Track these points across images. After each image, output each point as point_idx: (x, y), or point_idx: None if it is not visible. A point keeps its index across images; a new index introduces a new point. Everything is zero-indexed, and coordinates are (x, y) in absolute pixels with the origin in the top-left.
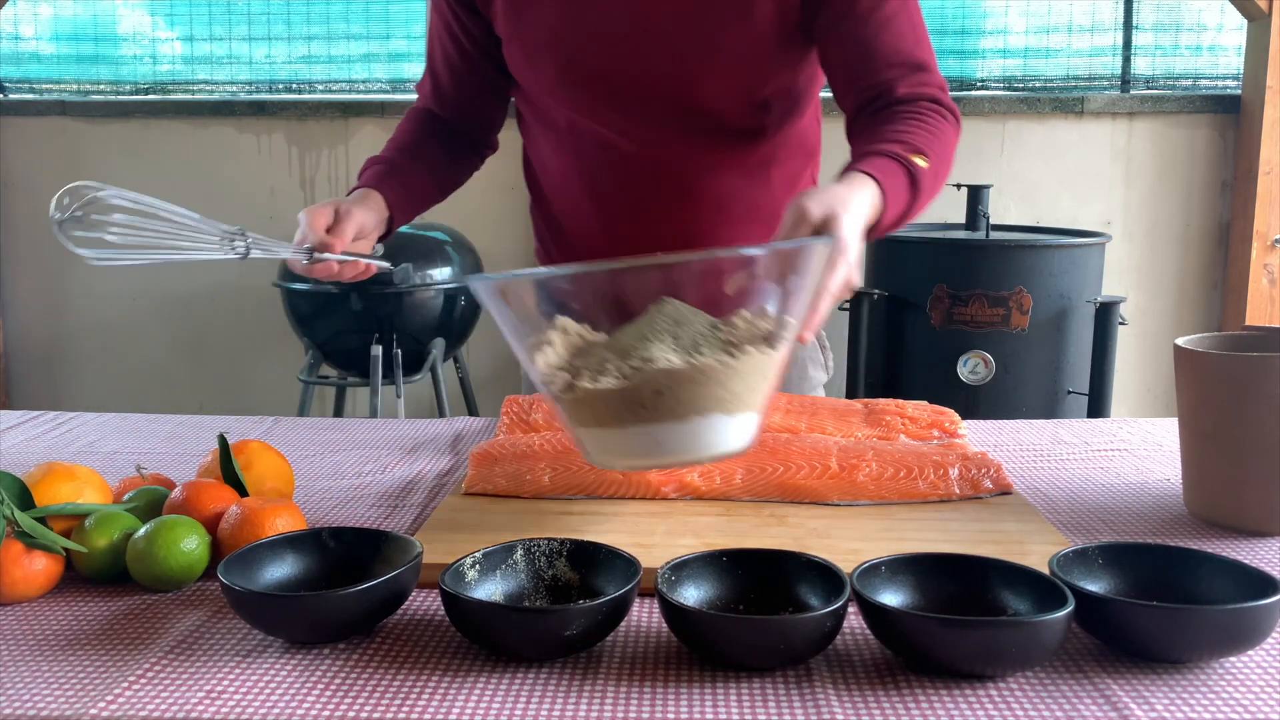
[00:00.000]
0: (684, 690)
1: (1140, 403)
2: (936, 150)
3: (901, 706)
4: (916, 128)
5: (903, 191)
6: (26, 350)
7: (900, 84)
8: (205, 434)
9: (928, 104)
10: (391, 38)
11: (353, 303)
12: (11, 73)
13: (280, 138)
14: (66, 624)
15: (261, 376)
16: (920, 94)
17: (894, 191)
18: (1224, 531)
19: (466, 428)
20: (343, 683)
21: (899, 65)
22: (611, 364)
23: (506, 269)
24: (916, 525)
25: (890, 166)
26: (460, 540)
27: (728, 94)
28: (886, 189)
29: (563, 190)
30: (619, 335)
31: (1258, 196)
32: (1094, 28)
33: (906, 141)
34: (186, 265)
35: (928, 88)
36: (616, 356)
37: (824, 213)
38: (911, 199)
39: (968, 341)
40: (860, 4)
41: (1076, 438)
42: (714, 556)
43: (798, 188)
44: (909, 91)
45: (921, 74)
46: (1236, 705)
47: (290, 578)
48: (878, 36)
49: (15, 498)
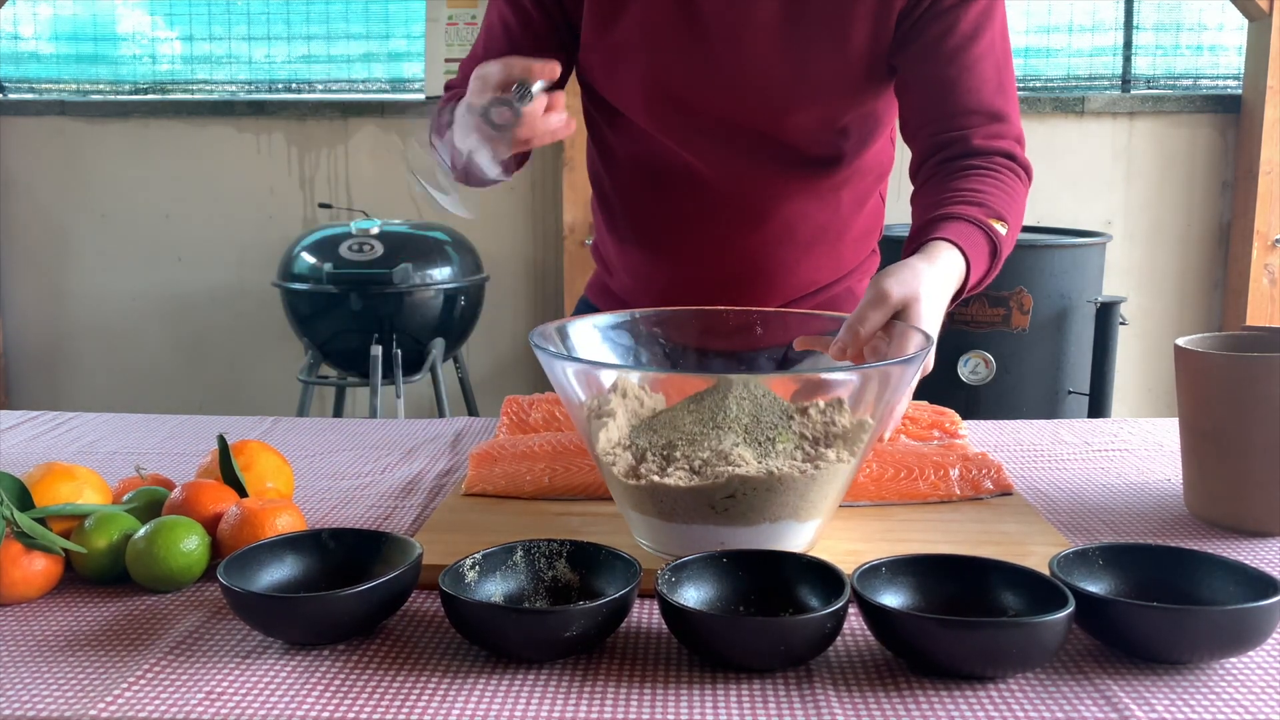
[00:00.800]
0: (684, 691)
1: (1140, 403)
2: (1013, 214)
3: (902, 707)
4: (994, 188)
5: (984, 260)
6: (26, 350)
7: (976, 135)
8: (205, 434)
9: (1003, 160)
10: (391, 37)
11: (352, 303)
12: (11, 72)
13: (280, 137)
14: (66, 625)
15: (261, 376)
16: (996, 148)
17: (977, 261)
18: (1224, 532)
19: (466, 428)
20: (342, 684)
21: (978, 113)
22: (680, 452)
23: (506, 269)
24: (917, 526)
25: (973, 234)
26: (460, 541)
27: (810, 123)
28: (970, 258)
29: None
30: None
31: (1258, 196)
32: (1095, 27)
33: (986, 205)
34: (186, 265)
35: (1004, 140)
36: (686, 443)
37: (904, 296)
38: (989, 267)
39: (968, 341)
40: (950, 41)
41: (1077, 438)
42: (714, 558)
43: (866, 208)
44: (985, 144)
45: (999, 124)
46: (1237, 706)
47: (290, 579)
48: (960, 78)
49: (15, 498)
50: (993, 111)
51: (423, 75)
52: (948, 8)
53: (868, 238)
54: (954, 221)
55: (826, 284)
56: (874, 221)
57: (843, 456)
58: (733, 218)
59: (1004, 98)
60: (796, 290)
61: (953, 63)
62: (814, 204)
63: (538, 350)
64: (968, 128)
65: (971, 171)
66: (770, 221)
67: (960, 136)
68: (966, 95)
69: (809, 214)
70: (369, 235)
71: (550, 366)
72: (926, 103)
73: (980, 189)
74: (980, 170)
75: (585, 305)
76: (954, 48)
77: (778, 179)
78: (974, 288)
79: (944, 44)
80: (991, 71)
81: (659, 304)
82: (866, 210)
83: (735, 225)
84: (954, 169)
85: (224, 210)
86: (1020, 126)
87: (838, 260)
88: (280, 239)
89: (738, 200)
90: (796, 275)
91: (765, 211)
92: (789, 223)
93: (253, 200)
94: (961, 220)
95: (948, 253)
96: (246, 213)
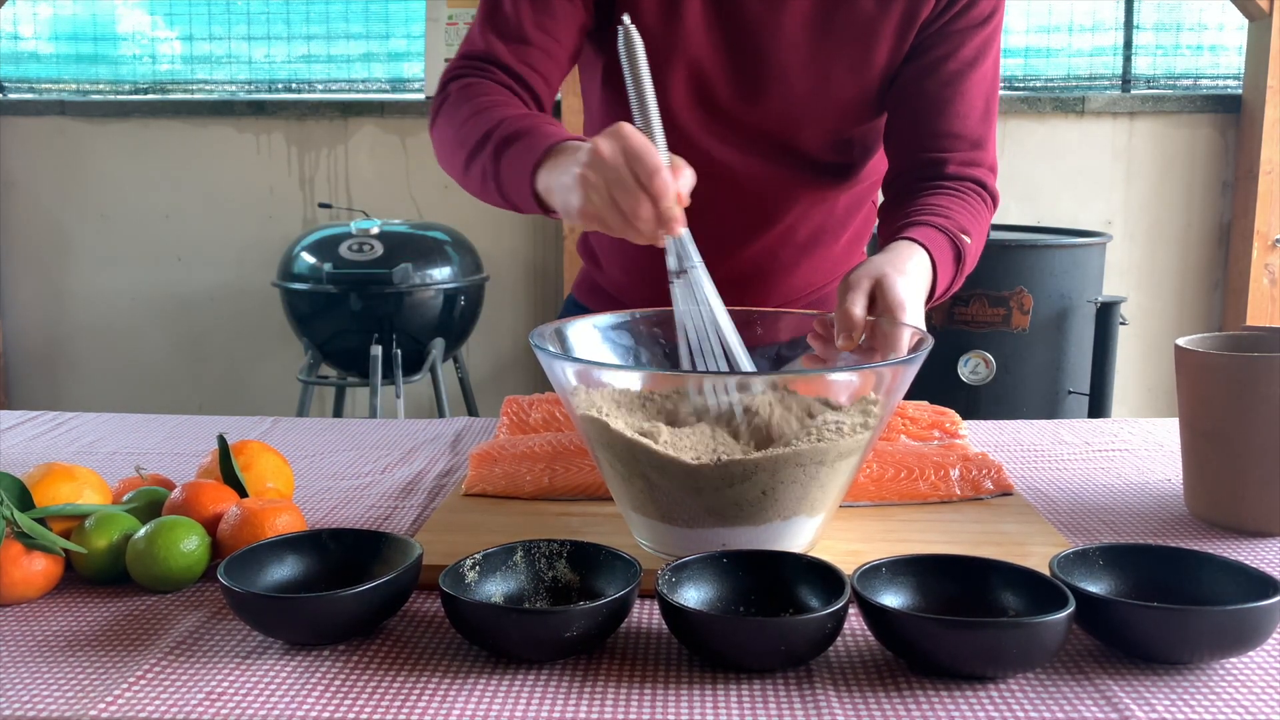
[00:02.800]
0: (684, 692)
1: (1141, 403)
2: (977, 232)
3: (902, 708)
4: (961, 207)
5: (949, 265)
6: (26, 350)
7: (954, 161)
8: (205, 434)
9: (973, 185)
10: (391, 37)
11: (352, 303)
12: (11, 72)
13: (279, 137)
14: (66, 625)
15: (261, 376)
16: (969, 175)
17: (943, 264)
18: (1224, 532)
19: (466, 428)
20: (342, 684)
21: (962, 138)
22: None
23: (506, 269)
24: (917, 526)
25: (937, 237)
26: (460, 541)
27: (822, 135)
28: (936, 258)
29: None
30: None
31: (1258, 196)
32: (1095, 27)
33: (952, 219)
34: (186, 265)
35: (979, 169)
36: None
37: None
38: (955, 273)
39: (968, 341)
40: (950, 64)
41: (1077, 438)
42: (714, 558)
43: (861, 213)
44: (959, 170)
45: (978, 152)
46: (1237, 706)
47: (290, 579)
48: (952, 101)
49: (15, 498)
50: (975, 139)
51: (423, 75)
52: (955, 31)
53: (859, 241)
54: (920, 227)
55: (820, 285)
56: (866, 226)
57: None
58: (740, 216)
59: (987, 125)
60: (794, 292)
61: (949, 85)
62: (817, 208)
63: (538, 350)
64: (948, 150)
65: (941, 192)
66: (776, 224)
67: (939, 160)
68: (954, 119)
69: (810, 217)
70: (369, 235)
71: (550, 366)
72: (915, 118)
73: (948, 205)
74: (951, 191)
75: (573, 305)
76: (953, 71)
77: (789, 183)
78: (945, 290)
79: (945, 65)
80: (981, 99)
81: (653, 299)
82: (861, 215)
83: (742, 224)
84: (924, 188)
85: (224, 210)
86: (995, 155)
87: (833, 262)
88: (280, 239)
89: (749, 200)
90: (794, 277)
91: (772, 213)
92: (792, 225)
93: (252, 200)
94: (928, 226)
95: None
96: (246, 213)
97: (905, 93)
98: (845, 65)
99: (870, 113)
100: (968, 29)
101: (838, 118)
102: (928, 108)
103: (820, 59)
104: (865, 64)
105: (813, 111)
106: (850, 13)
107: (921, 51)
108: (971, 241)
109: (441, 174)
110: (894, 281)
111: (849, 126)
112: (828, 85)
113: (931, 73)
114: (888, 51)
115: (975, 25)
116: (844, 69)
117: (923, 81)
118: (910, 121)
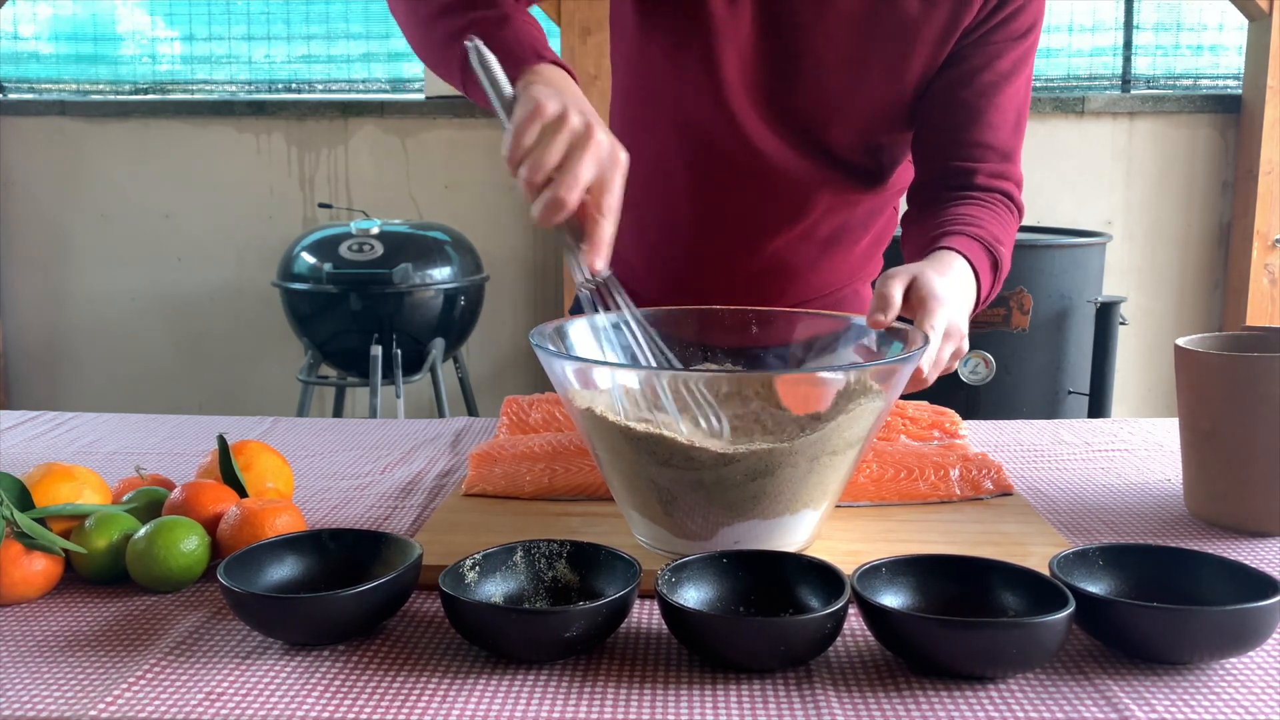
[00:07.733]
0: (684, 692)
1: (1141, 403)
2: (1007, 242)
3: (902, 708)
4: (992, 218)
5: (988, 274)
6: (26, 350)
7: (983, 171)
8: (205, 434)
9: (1001, 197)
10: (391, 37)
11: (352, 303)
12: (11, 72)
13: (280, 137)
14: (66, 625)
15: (261, 376)
16: (997, 186)
17: (983, 273)
18: (1224, 532)
19: (466, 428)
20: (342, 684)
21: (993, 149)
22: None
23: (506, 269)
24: (917, 526)
25: (973, 246)
26: (460, 541)
27: (851, 135)
28: (978, 268)
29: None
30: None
31: (1258, 196)
32: (1095, 27)
33: (985, 228)
34: (186, 265)
35: (1007, 182)
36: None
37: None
38: (993, 282)
39: (968, 341)
40: (987, 74)
41: (1077, 438)
42: (714, 558)
43: (881, 217)
44: (987, 182)
45: (1007, 164)
46: (1237, 706)
47: (290, 579)
48: (986, 111)
49: (15, 498)
50: (1005, 150)
51: (422, 75)
52: (995, 41)
53: (878, 246)
54: (957, 236)
55: (837, 288)
56: (885, 232)
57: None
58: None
59: (1017, 139)
60: (810, 291)
61: (984, 95)
62: (841, 207)
63: (538, 350)
64: (978, 160)
65: (970, 202)
66: (801, 219)
67: (969, 169)
68: (987, 129)
69: (833, 215)
70: (369, 235)
71: (550, 366)
72: (947, 126)
73: (979, 215)
74: (980, 202)
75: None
76: (988, 82)
77: (817, 178)
78: (983, 300)
79: (981, 75)
80: (1014, 112)
81: (665, 287)
82: (882, 220)
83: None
84: (953, 198)
85: (224, 210)
86: (1021, 169)
87: (850, 265)
88: (280, 239)
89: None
90: (813, 275)
91: (799, 206)
92: (815, 221)
93: (252, 200)
94: (965, 236)
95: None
96: (246, 213)
97: (939, 100)
98: (882, 66)
99: (900, 122)
100: (1007, 40)
101: (867, 118)
102: (961, 116)
103: (858, 57)
104: (902, 68)
105: (843, 109)
106: (894, 14)
107: (959, 60)
108: (1005, 250)
109: (441, 174)
110: (930, 278)
111: (878, 131)
112: (861, 85)
113: (968, 82)
114: (926, 57)
115: (1015, 38)
116: (880, 70)
117: (958, 90)
118: (942, 129)
